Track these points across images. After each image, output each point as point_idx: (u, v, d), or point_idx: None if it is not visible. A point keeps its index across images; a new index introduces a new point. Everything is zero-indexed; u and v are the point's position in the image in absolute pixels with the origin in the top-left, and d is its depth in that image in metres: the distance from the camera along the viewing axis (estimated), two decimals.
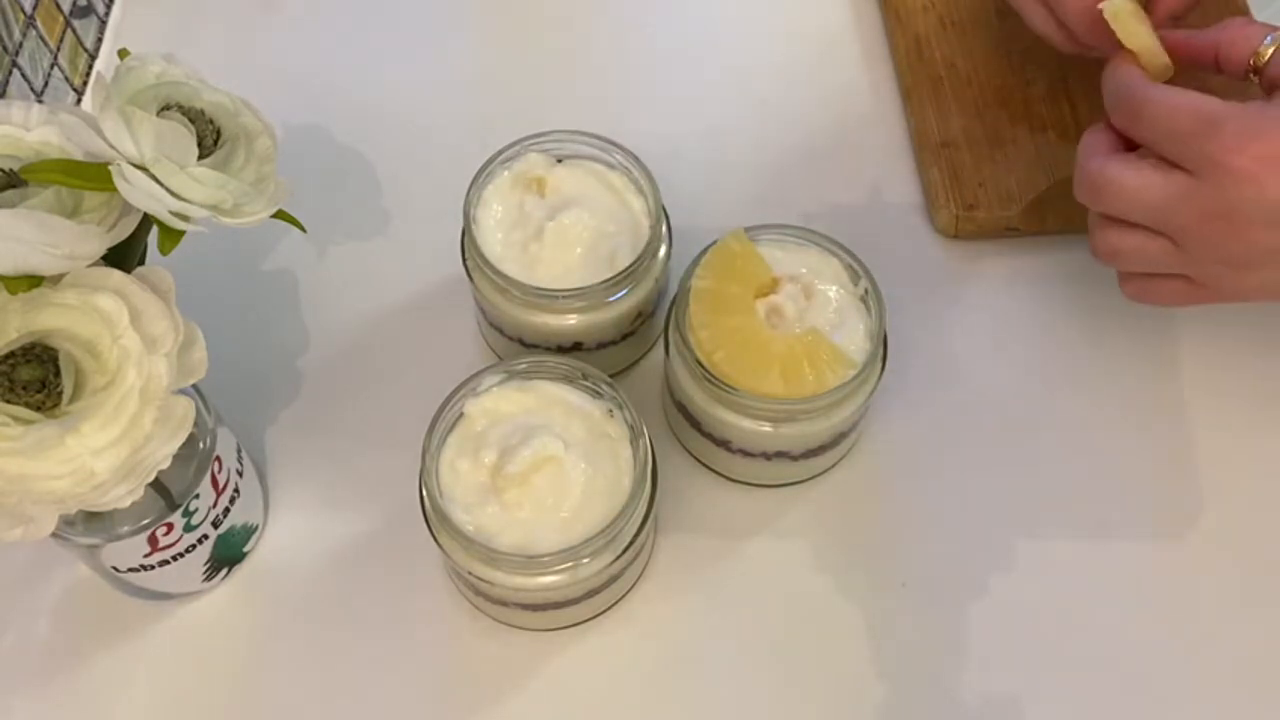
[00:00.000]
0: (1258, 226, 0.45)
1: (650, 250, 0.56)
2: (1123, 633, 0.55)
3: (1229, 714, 0.53)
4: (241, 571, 0.57)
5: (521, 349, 0.59)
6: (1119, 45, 0.52)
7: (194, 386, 0.51)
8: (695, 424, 0.56)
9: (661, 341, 0.57)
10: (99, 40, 0.75)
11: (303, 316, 0.64)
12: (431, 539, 0.51)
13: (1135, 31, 0.52)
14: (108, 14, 0.76)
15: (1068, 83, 0.68)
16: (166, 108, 0.46)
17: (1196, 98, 0.47)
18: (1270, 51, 0.48)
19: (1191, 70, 0.52)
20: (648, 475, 0.51)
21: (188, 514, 0.51)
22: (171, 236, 0.45)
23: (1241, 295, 0.49)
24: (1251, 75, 0.49)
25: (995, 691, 0.53)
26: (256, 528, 0.57)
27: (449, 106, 0.72)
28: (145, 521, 0.49)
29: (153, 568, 0.52)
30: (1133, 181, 0.48)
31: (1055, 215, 0.65)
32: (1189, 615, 0.55)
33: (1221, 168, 0.45)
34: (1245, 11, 0.70)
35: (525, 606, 0.53)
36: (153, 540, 0.50)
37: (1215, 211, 0.46)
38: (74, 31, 0.72)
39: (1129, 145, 0.50)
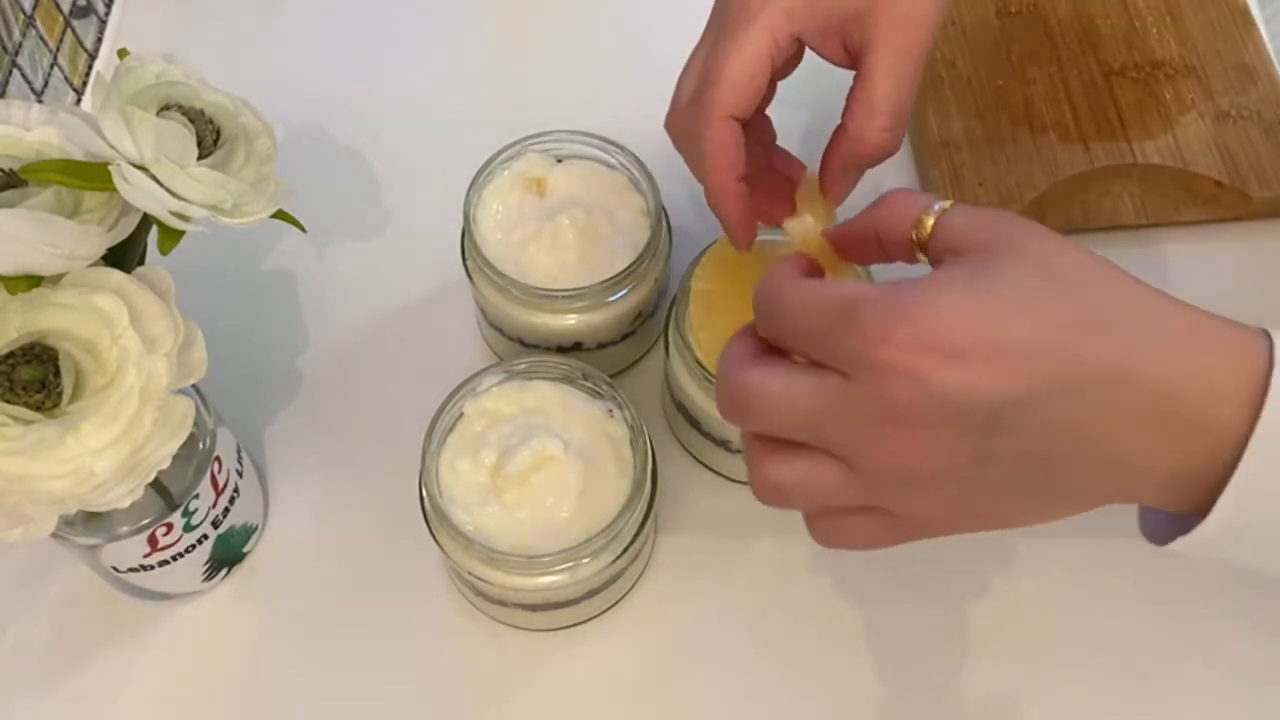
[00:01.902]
0: (930, 429, 0.36)
1: (650, 250, 0.56)
2: (1122, 632, 0.55)
3: (1228, 714, 0.53)
4: (241, 571, 0.57)
5: (521, 349, 0.59)
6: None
7: (194, 386, 0.51)
8: (695, 424, 0.56)
9: (661, 341, 0.57)
10: (99, 40, 0.75)
11: (303, 316, 0.64)
12: (431, 539, 0.51)
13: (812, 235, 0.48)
14: (108, 14, 0.76)
15: (1068, 83, 0.68)
16: (166, 108, 0.46)
17: (838, 287, 0.38)
18: (932, 221, 0.40)
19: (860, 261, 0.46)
20: (648, 475, 0.51)
21: (187, 514, 0.51)
22: (171, 236, 0.45)
23: (950, 526, 0.40)
24: (918, 253, 0.42)
25: (995, 691, 0.53)
26: (256, 528, 0.57)
27: (449, 106, 0.72)
28: (145, 521, 0.49)
29: (153, 568, 0.52)
30: (777, 386, 0.39)
31: (1055, 215, 0.65)
32: (1189, 615, 0.55)
33: (868, 364, 0.36)
34: (1245, 11, 0.70)
35: (525, 607, 0.53)
36: (153, 540, 0.50)
37: (876, 417, 0.36)
38: (74, 31, 0.72)
39: (781, 353, 0.41)
